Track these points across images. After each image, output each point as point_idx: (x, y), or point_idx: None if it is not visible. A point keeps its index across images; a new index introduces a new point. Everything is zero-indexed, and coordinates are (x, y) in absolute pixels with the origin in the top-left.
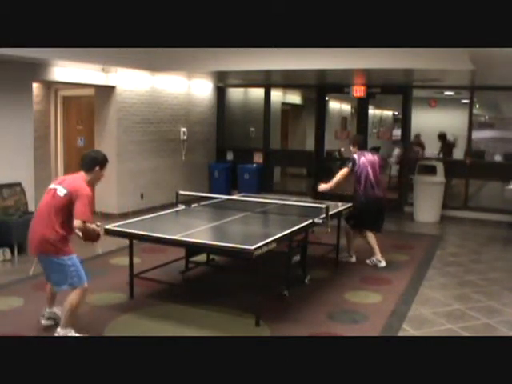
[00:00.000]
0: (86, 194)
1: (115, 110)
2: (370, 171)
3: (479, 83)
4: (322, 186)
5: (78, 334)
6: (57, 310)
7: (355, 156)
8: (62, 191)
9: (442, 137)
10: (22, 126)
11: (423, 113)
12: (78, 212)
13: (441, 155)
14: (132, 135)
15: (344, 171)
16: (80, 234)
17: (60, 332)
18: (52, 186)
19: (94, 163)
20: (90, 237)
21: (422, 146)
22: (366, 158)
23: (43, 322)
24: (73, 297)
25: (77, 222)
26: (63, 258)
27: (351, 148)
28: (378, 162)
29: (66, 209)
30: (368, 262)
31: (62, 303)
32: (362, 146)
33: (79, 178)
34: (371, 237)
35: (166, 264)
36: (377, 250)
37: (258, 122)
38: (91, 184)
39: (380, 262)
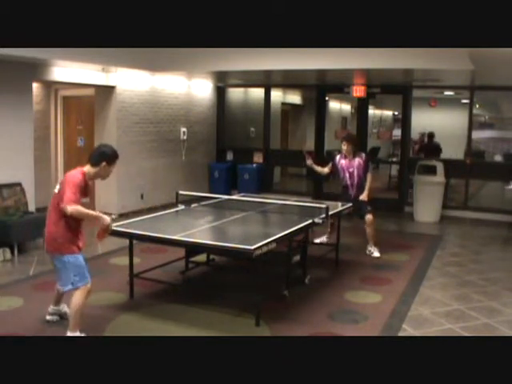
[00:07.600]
0: (71, 181)
1: (115, 109)
2: None
3: (479, 83)
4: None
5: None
6: (62, 306)
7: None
8: (57, 188)
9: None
10: (22, 126)
11: (423, 113)
12: (64, 198)
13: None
14: (132, 135)
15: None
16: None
17: (69, 335)
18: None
19: (101, 158)
20: (101, 233)
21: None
22: None
23: (48, 317)
24: (76, 298)
25: (66, 209)
26: (67, 256)
27: (349, 147)
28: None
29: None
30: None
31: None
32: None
33: (74, 171)
34: None
35: (166, 264)
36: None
37: (258, 122)
38: (93, 178)
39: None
